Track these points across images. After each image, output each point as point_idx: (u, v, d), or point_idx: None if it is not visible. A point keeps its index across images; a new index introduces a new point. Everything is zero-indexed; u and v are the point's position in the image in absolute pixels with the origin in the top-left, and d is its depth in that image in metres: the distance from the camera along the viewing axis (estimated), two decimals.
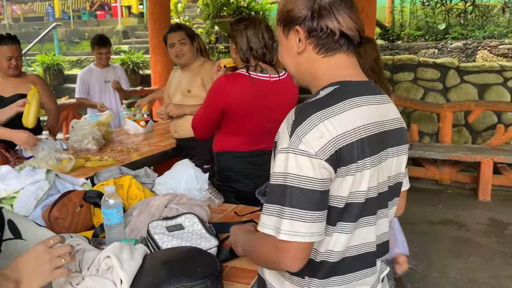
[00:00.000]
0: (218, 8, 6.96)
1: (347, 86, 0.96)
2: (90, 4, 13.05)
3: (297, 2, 0.97)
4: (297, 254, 0.89)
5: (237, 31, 2.01)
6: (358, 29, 0.98)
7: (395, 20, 7.15)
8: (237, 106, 1.99)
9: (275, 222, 0.89)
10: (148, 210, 1.47)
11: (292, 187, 0.87)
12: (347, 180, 0.91)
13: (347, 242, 0.96)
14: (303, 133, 0.88)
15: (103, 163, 2.49)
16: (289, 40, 1.01)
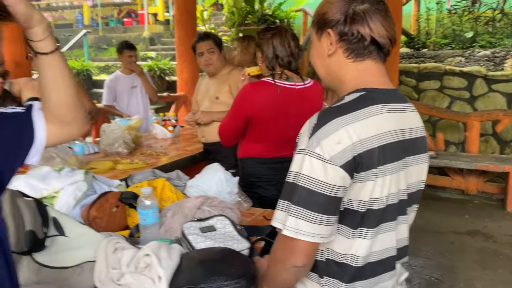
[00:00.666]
0: (243, 16, 7.05)
1: (373, 93, 0.97)
2: (118, 12, 13.39)
3: (332, 5, 1.00)
4: (300, 251, 0.92)
5: (264, 40, 2.06)
6: (390, 38, 0.99)
7: (421, 28, 7.09)
8: (262, 114, 2.03)
9: (283, 216, 0.93)
10: (182, 212, 1.52)
11: (301, 187, 0.90)
12: (367, 185, 0.93)
13: (370, 248, 0.98)
14: (322, 137, 0.90)
15: (134, 166, 2.57)
16: (321, 43, 1.04)
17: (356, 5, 0.97)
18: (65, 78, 0.85)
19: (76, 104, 0.88)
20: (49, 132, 0.87)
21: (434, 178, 4.82)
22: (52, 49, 0.82)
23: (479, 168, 4.48)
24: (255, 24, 6.90)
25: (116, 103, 4.15)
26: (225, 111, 2.42)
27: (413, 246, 3.10)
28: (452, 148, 5.65)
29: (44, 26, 0.80)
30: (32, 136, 0.85)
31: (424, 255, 3.34)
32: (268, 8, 7.10)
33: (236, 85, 2.61)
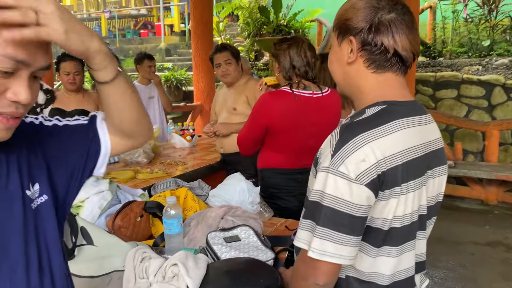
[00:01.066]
0: (258, 26, 7.10)
1: (394, 106, 0.94)
2: (134, 23, 13.61)
3: (358, 12, 0.95)
4: (325, 273, 0.89)
5: (281, 51, 2.08)
6: (413, 51, 0.95)
7: (437, 37, 7.04)
8: (280, 123, 2.04)
9: (308, 236, 0.90)
10: (206, 221, 1.54)
11: (326, 207, 0.86)
12: (390, 203, 0.90)
13: (396, 266, 0.96)
14: (346, 154, 0.86)
15: (154, 176, 2.60)
16: (341, 49, 0.99)
17: (382, 14, 0.93)
18: (127, 100, 0.82)
19: (140, 120, 0.86)
20: (113, 143, 0.87)
21: (453, 188, 4.76)
22: (112, 77, 0.76)
23: (499, 178, 4.41)
24: (270, 35, 6.94)
25: None
26: (243, 123, 2.44)
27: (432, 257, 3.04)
28: (470, 157, 5.58)
29: (102, 56, 0.73)
30: (98, 146, 0.85)
31: (444, 266, 3.29)
32: (283, 18, 7.14)
33: (254, 95, 2.63)
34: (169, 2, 13.12)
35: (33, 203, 0.75)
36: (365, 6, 0.94)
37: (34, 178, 0.76)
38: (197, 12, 5.53)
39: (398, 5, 0.94)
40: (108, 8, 13.76)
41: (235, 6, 7.79)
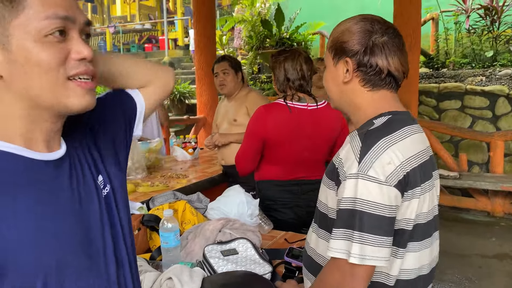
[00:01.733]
0: (261, 39, 7.16)
1: (398, 116, 1.01)
2: (139, 38, 13.77)
3: (353, 35, 1.01)
4: (363, 277, 0.91)
5: (277, 63, 2.08)
6: (404, 71, 1.03)
7: (440, 48, 7.05)
8: (275, 135, 2.04)
9: (346, 245, 0.91)
10: (203, 234, 1.52)
11: (361, 212, 0.90)
12: (413, 203, 0.95)
13: (419, 260, 1.01)
14: (373, 158, 0.91)
15: (154, 189, 2.59)
16: (337, 69, 1.06)
17: (376, 37, 1.00)
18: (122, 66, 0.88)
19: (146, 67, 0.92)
20: (145, 94, 0.91)
21: (458, 199, 4.71)
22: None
23: (505, 189, 4.36)
24: (272, 48, 6.99)
25: None
26: (242, 133, 2.44)
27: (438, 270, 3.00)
28: (475, 168, 5.53)
29: None
30: (132, 101, 0.89)
31: (450, 279, 3.23)
32: (285, 31, 7.19)
33: (254, 107, 2.63)
34: (173, 17, 13.28)
35: (103, 191, 0.78)
36: (360, 30, 1.01)
37: (98, 170, 0.79)
38: (200, 26, 5.58)
39: (390, 28, 1.02)
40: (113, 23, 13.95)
41: (238, 20, 7.86)
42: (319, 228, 1.10)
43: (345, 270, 0.92)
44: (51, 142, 0.72)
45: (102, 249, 0.73)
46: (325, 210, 1.07)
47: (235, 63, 2.96)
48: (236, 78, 2.90)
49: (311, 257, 1.13)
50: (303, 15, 7.63)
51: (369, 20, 1.02)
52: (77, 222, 0.70)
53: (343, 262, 0.91)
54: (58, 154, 0.71)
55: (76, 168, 0.74)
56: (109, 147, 0.83)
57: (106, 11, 15.25)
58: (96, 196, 0.75)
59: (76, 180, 0.73)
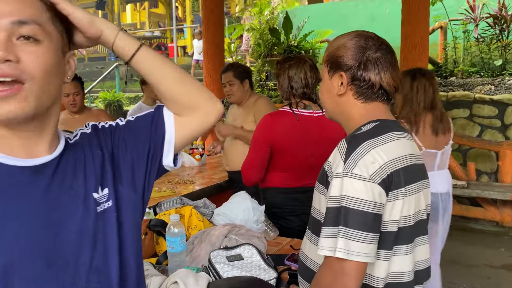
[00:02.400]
0: (269, 47, 7.19)
1: (385, 122, 1.07)
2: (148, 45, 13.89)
3: (348, 51, 1.08)
4: (354, 275, 0.93)
5: (281, 70, 2.09)
6: (395, 86, 1.09)
7: (448, 57, 7.03)
8: (283, 142, 2.04)
9: (332, 243, 0.94)
10: (209, 240, 1.53)
11: (346, 208, 0.93)
12: (397, 205, 0.98)
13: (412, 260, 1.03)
14: (357, 158, 0.96)
15: (162, 194, 2.62)
16: (332, 81, 1.12)
17: (370, 53, 1.06)
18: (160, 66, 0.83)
19: (186, 81, 0.84)
20: (178, 123, 0.84)
21: (467, 209, 4.67)
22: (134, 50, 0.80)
23: None
24: (280, 55, 7.01)
25: None
26: (247, 131, 2.45)
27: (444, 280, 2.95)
28: (484, 178, 5.47)
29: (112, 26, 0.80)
30: (162, 128, 0.84)
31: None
32: (293, 39, 7.22)
33: (261, 114, 2.63)
34: (183, 24, 13.41)
35: (99, 206, 0.75)
36: (355, 46, 1.08)
37: (105, 182, 0.77)
38: (209, 34, 5.63)
39: (383, 45, 1.08)
40: None
41: (246, 28, 7.91)
42: (313, 234, 1.12)
43: (336, 269, 0.94)
44: (32, 148, 0.71)
45: (73, 259, 0.71)
46: (318, 216, 1.10)
47: (240, 71, 2.91)
48: (242, 87, 2.88)
49: (304, 263, 1.15)
50: (311, 23, 7.66)
51: (363, 36, 1.08)
52: (39, 227, 0.68)
53: (333, 261, 0.94)
54: (40, 161, 0.71)
55: (64, 176, 0.73)
56: (127, 168, 0.81)
57: (116, 18, 15.43)
58: (82, 206, 0.73)
59: (57, 187, 0.72)
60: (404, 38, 4.30)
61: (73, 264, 0.71)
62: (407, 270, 1.03)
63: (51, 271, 0.69)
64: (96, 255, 0.73)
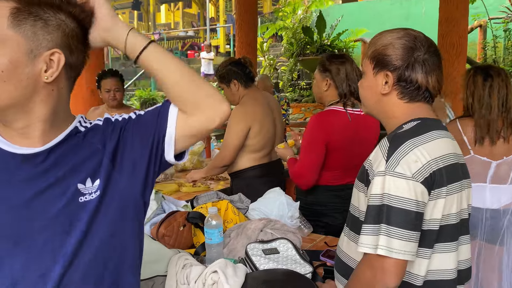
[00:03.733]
0: (301, 46, 7.19)
1: (427, 121, 1.05)
2: (182, 45, 14.15)
3: (396, 51, 1.06)
4: (394, 273, 0.93)
5: (333, 66, 2.03)
6: (439, 89, 1.09)
7: (487, 56, 6.83)
8: (337, 141, 2.00)
9: (373, 240, 0.95)
10: (245, 233, 1.56)
11: (388, 206, 0.94)
12: (439, 203, 0.98)
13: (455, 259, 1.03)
14: (400, 157, 0.96)
15: (196, 189, 2.68)
16: (376, 79, 1.10)
17: (418, 55, 1.04)
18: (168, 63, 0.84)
19: (193, 80, 0.85)
20: (181, 121, 0.85)
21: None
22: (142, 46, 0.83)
23: None
24: (313, 54, 7.00)
25: None
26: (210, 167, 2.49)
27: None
28: None
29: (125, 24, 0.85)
30: (165, 124, 0.85)
31: None
32: (326, 38, 7.19)
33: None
34: (216, 24, 13.56)
35: (83, 197, 0.80)
36: (404, 46, 1.06)
37: (97, 174, 0.81)
38: (242, 33, 5.69)
39: (431, 47, 1.07)
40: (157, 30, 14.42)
41: (279, 27, 7.93)
42: (351, 231, 1.13)
43: (376, 266, 0.94)
44: (26, 138, 0.79)
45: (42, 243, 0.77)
46: (357, 213, 1.10)
47: (222, 76, 2.59)
48: (230, 90, 2.56)
49: (342, 260, 1.16)
50: (345, 22, 7.61)
51: (411, 36, 1.06)
52: (15, 211, 0.77)
53: (373, 258, 0.94)
54: (31, 150, 0.78)
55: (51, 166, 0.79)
56: (130, 159, 0.84)
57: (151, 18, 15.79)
58: (63, 196, 0.78)
59: (41, 176, 0.78)
60: (441, 37, 4.21)
61: (41, 247, 0.77)
62: (450, 268, 1.02)
63: (17, 250, 0.77)
64: (68, 242, 0.78)
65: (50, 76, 0.77)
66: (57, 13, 0.78)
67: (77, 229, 0.79)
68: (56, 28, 0.77)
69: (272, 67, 8.71)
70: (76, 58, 0.82)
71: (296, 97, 7.39)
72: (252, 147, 2.47)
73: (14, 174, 0.78)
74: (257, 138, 2.46)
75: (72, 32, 0.80)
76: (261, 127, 2.45)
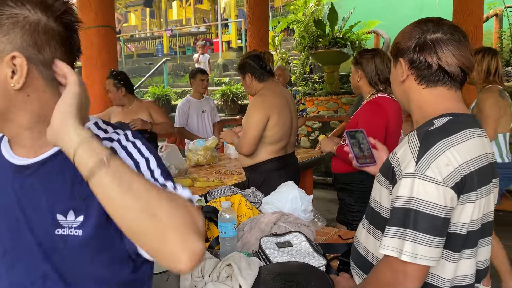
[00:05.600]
0: (313, 39, 7.14)
1: (459, 117, 1.01)
2: (194, 41, 14.16)
3: (405, 35, 1.06)
4: (417, 277, 0.92)
5: (364, 59, 2.22)
6: (460, 66, 1.01)
7: (503, 45, 6.68)
8: (392, 126, 2.17)
9: (398, 244, 0.93)
10: (259, 227, 1.57)
11: (416, 211, 0.91)
12: (467, 208, 0.94)
13: (474, 263, 1.01)
14: (431, 159, 0.92)
15: (210, 184, 2.70)
16: (396, 69, 1.11)
17: (427, 35, 1.02)
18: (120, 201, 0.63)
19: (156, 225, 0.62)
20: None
21: None
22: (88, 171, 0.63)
23: None
24: (325, 47, 6.95)
25: (188, 125, 4.24)
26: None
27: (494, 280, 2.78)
28: None
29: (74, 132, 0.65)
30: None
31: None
32: (338, 31, 7.12)
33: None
34: (227, 19, 13.54)
35: (61, 230, 0.71)
36: (412, 30, 1.05)
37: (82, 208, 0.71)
38: (254, 28, 5.67)
39: (444, 25, 1.02)
40: (169, 26, 14.46)
41: (291, 20, 7.88)
42: (370, 225, 1.12)
43: (397, 269, 0.93)
44: (23, 147, 0.75)
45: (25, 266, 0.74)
46: (378, 208, 1.08)
47: (239, 67, 2.64)
48: (245, 81, 2.61)
49: (359, 252, 1.15)
50: (357, 14, 7.52)
51: (423, 21, 1.05)
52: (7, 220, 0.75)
53: (395, 261, 0.92)
54: (22, 162, 0.74)
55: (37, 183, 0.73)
56: None
57: (163, 15, 15.84)
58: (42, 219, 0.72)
59: (27, 191, 0.73)
60: None
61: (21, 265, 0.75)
62: (470, 273, 1.00)
63: (4, 258, 0.76)
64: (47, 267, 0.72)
65: (16, 83, 0.67)
66: (12, 7, 0.66)
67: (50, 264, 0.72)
68: (11, 27, 0.66)
69: (284, 61, 8.68)
70: (51, 53, 0.70)
71: (308, 90, 7.35)
72: (270, 138, 2.47)
73: (9, 183, 0.75)
74: (275, 129, 2.46)
75: (36, 26, 0.67)
76: (279, 118, 2.46)
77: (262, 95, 2.49)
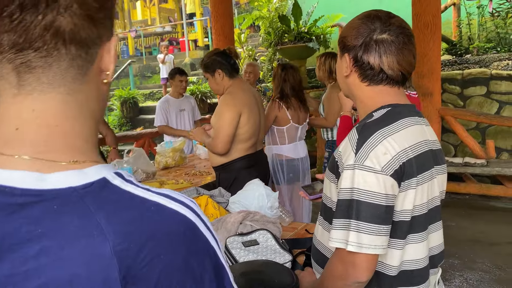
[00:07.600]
0: (279, 35, 7.15)
1: (397, 108, 1.03)
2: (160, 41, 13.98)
3: (352, 31, 1.04)
4: (365, 267, 0.93)
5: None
6: (402, 71, 1.02)
7: (463, 34, 6.89)
8: None
9: (343, 235, 0.94)
10: (225, 227, 1.57)
11: (358, 201, 0.92)
12: (409, 194, 0.96)
13: (426, 247, 1.02)
14: (369, 150, 0.94)
15: (179, 186, 2.67)
16: (341, 62, 1.10)
17: (374, 35, 1.01)
18: None
19: None
20: None
21: (487, 187, 4.60)
22: None
23: None
24: (291, 43, 6.98)
25: (168, 124, 4.18)
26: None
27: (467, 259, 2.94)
28: (504, 155, 5.38)
29: None
30: None
31: (480, 267, 3.18)
32: (303, 26, 7.17)
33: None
34: (192, 18, 13.42)
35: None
36: (359, 27, 1.03)
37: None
38: (218, 25, 5.64)
39: (392, 26, 1.01)
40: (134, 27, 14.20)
41: (256, 17, 7.88)
42: (325, 221, 1.13)
43: (347, 261, 0.94)
44: None
45: None
46: (330, 203, 1.10)
47: (206, 65, 2.57)
48: (214, 79, 2.55)
49: (317, 249, 1.16)
50: (321, 8, 7.59)
51: (371, 16, 1.03)
52: None
53: (344, 252, 0.94)
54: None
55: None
56: None
57: (127, 16, 15.55)
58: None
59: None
60: (415, 17, 4.23)
61: None
62: (421, 257, 1.02)
63: None
64: None
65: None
66: None
67: None
68: None
69: (252, 57, 8.68)
70: None
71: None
72: (241, 136, 2.45)
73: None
74: (246, 127, 2.44)
75: None
76: (249, 115, 2.45)
77: (232, 93, 2.48)
